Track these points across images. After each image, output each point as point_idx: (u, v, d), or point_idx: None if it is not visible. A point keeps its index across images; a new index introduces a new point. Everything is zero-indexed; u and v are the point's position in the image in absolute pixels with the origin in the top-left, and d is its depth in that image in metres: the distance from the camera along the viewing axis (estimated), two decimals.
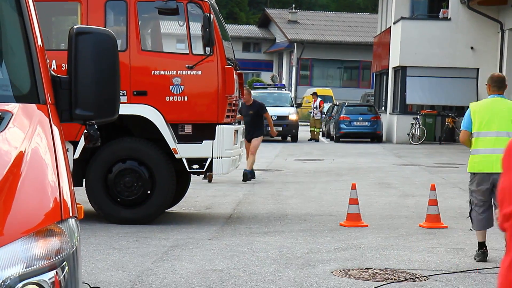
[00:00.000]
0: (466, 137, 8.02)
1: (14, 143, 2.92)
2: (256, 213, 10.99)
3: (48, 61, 3.40)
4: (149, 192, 9.67)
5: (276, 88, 32.03)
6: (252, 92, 29.34)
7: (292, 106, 29.81)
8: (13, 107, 3.17)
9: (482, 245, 7.97)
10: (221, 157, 9.64)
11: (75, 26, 3.37)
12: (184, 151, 9.60)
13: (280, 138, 28.61)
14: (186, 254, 7.88)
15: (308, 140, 29.94)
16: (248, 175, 14.88)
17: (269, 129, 16.09)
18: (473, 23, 28.41)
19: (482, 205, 7.89)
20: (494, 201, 7.80)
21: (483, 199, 7.87)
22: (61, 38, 10.25)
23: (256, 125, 14.88)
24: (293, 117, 28.70)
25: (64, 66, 9.24)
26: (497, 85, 8.05)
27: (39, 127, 3.07)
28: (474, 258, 7.93)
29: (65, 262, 2.70)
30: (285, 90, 33.05)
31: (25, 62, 3.31)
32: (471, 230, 8.36)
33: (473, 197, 8.00)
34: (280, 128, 27.22)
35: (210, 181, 14.12)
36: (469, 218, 8.10)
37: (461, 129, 8.16)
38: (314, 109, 30.37)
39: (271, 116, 27.19)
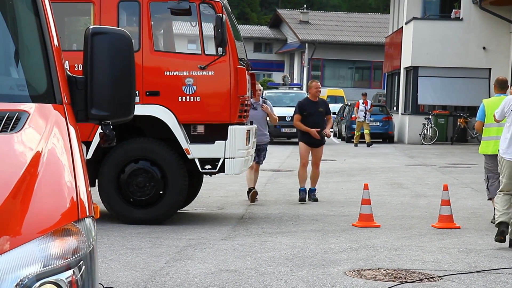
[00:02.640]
0: (480, 126, 10.16)
1: (31, 143, 2.94)
2: (268, 213, 10.99)
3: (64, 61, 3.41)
4: (161, 192, 9.69)
5: (291, 88, 30.46)
6: (266, 92, 27.83)
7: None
8: (30, 107, 3.18)
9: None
10: (234, 158, 9.65)
11: (91, 26, 3.38)
12: (197, 151, 9.61)
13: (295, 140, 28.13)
14: (198, 255, 7.89)
15: (355, 145, 27.06)
16: (305, 194, 12.17)
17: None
18: (485, 23, 28.31)
19: (496, 177, 9.71)
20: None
21: (494, 172, 9.81)
22: (73, 39, 10.29)
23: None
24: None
25: (77, 67, 9.28)
26: (501, 86, 10.30)
27: (55, 127, 3.08)
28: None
29: (82, 262, 2.71)
30: (301, 89, 31.37)
31: (42, 62, 3.32)
32: (489, 200, 10.27)
33: (489, 172, 10.03)
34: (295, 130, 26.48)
35: (252, 201, 11.93)
36: (487, 189, 10.15)
37: (476, 119, 10.28)
38: (366, 112, 27.17)
39: (285, 117, 25.13)
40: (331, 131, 29.36)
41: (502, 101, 8.98)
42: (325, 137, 12.22)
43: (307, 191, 12.19)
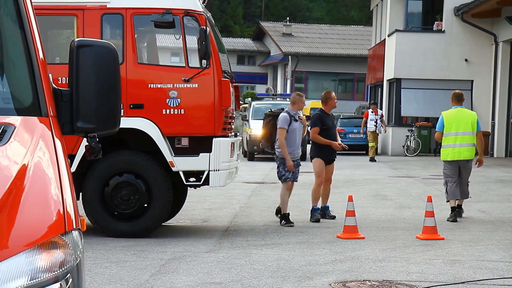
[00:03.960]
0: (440, 136, 11.64)
1: (17, 156, 2.93)
2: (253, 225, 10.99)
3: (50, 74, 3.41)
4: (146, 205, 9.66)
5: (281, 99, 28.30)
6: (254, 103, 26.54)
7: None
8: (15, 120, 3.17)
9: (454, 209, 11.51)
10: (218, 170, 9.64)
11: (76, 39, 3.38)
12: (181, 164, 9.61)
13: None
14: (184, 267, 7.87)
15: (370, 160, 25.52)
16: (319, 215, 11.43)
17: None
18: (467, 35, 28.56)
19: (454, 180, 11.56)
20: (458, 178, 11.61)
21: (454, 175, 11.54)
22: (56, 52, 10.26)
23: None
24: None
25: (60, 80, 9.26)
26: (458, 98, 11.73)
27: (41, 140, 3.07)
28: (448, 220, 11.27)
29: (69, 274, 2.70)
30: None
31: (27, 75, 3.31)
32: (447, 202, 11.78)
33: (446, 175, 11.65)
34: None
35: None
36: (445, 193, 11.68)
37: (436, 130, 11.81)
38: (377, 122, 25.71)
39: None
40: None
41: None
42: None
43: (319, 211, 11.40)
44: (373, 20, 37.05)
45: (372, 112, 25.91)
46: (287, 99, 27.52)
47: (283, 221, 10.90)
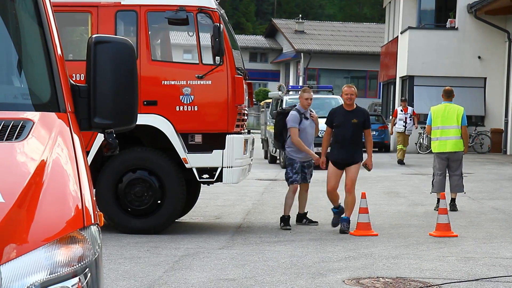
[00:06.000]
0: (429, 129, 12.39)
1: (36, 152, 2.95)
2: (266, 222, 11.00)
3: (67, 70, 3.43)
4: (159, 202, 9.69)
5: (320, 92, 23.83)
6: (287, 98, 21.49)
7: None
8: (34, 115, 3.20)
9: (439, 200, 11.47)
10: (231, 167, 9.66)
11: (94, 36, 3.40)
12: (194, 160, 9.62)
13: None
14: (197, 264, 7.89)
15: (398, 162, 22.60)
16: (341, 224, 10.07)
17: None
18: (480, 32, 28.43)
19: (440, 174, 12.28)
20: (449, 171, 12.36)
21: (441, 168, 12.28)
22: (69, 49, 10.30)
23: (358, 143, 10.17)
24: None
25: (74, 76, 9.29)
26: (447, 95, 12.44)
27: (60, 136, 3.09)
28: (434, 209, 11.84)
29: (87, 269, 2.72)
30: (332, 93, 24.23)
31: (45, 71, 3.34)
32: (431, 193, 12.70)
33: (435, 168, 12.36)
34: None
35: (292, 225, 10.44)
36: (431, 184, 12.49)
37: (426, 124, 12.56)
38: (407, 121, 22.78)
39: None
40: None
41: None
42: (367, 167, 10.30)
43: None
44: (385, 17, 36.94)
45: (401, 110, 23.03)
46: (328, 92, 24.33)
47: (282, 223, 10.38)
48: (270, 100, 27.44)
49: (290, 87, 25.40)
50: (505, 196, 14.63)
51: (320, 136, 12.24)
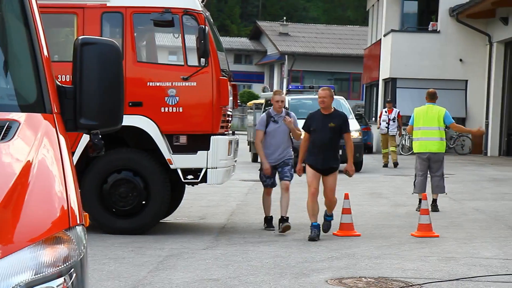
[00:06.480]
0: (411, 129, 12.66)
1: (21, 152, 2.96)
2: (249, 223, 11.06)
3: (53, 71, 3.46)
4: (144, 202, 9.73)
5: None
6: (287, 97, 20.17)
7: (351, 118, 19.62)
8: (20, 116, 3.20)
9: (420, 201, 11.37)
10: (216, 168, 9.72)
11: (80, 37, 3.43)
12: (179, 161, 9.67)
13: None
14: (181, 264, 7.94)
15: (383, 166, 22.27)
16: (317, 232, 9.65)
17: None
18: (462, 35, 28.67)
19: (422, 174, 12.43)
20: (430, 172, 12.48)
21: (423, 169, 12.43)
22: (55, 50, 10.31)
23: (335, 148, 9.80)
24: (355, 134, 19.31)
25: (60, 78, 9.31)
26: (431, 97, 12.74)
27: (45, 137, 3.09)
28: (416, 209, 12.03)
29: (73, 269, 2.73)
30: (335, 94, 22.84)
31: (31, 72, 3.34)
32: (413, 194, 12.86)
33: (417, 169, 12.53)
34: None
35: (284, 231, 10.03)
36: (413, 185, 12.69)
37: (409, 124, 12.78)
38: (390, 122, 22.50)
39: None
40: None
41: None
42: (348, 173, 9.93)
43: (320, 226, 9.78)
44: (369, 20, 37.12)
45: (386, 111, 22.75)
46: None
47: (265, 224, 10.43)
48: (259, 101, 27.28)
49: (290, 87, 24.72)
50: (486, 197, 14.78)
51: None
